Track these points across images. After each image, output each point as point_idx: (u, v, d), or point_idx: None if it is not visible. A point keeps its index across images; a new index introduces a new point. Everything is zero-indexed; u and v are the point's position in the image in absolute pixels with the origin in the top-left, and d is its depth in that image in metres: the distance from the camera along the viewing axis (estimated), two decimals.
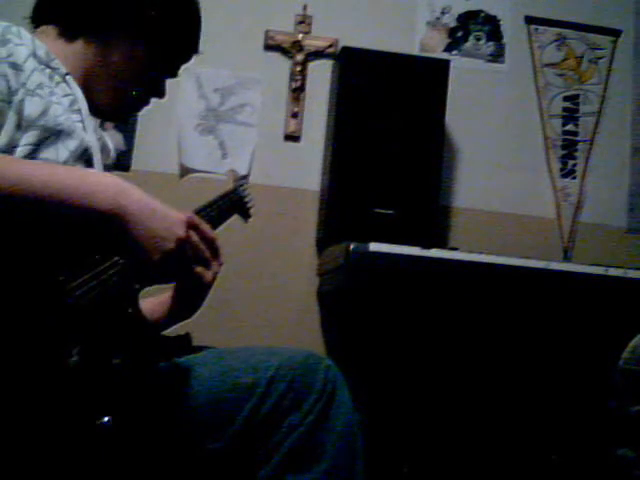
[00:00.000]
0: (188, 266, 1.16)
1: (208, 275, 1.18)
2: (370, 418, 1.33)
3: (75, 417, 1.01)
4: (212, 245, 1.19)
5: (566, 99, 3.14)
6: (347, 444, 1.17)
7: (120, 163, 2.68)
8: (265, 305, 2.84)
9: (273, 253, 2.88)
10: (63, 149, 1.14)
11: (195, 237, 1.15)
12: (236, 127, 2.92)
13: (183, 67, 1.40)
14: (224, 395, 1.16)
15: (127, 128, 2.80)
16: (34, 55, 1.17)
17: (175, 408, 1.14)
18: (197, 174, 2.88)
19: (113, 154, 1.41)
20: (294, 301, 2.88)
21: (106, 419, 1.01)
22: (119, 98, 1.32)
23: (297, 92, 2.95)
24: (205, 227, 1.19)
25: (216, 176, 2.87)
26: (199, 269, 1.16)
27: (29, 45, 1.17)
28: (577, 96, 3.14)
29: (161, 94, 1.38)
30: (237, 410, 1.15)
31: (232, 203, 1.44)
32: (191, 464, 1.15)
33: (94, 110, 1.28)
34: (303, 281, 2.89)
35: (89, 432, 1.00)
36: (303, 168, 2.94)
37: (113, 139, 2.61)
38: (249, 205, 1.52)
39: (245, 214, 1.51)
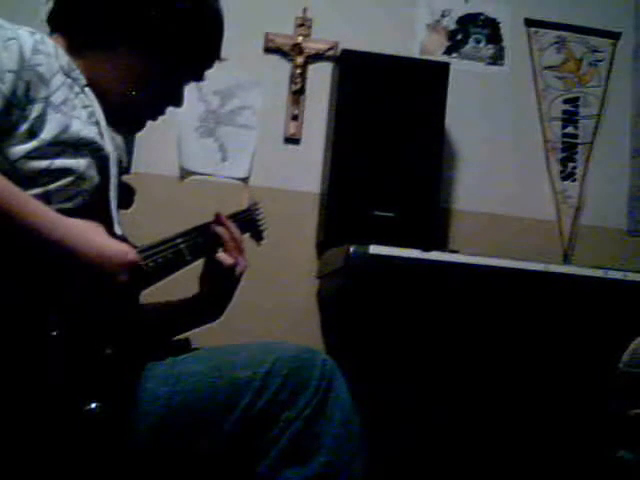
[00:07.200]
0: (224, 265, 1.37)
1: (237, 270, 1.39)
2: (372, 420, 1.33)
3: (62, 401, 1.02)
4: (239, 245, 1.41)
5: (566, 102, 3.14)
6: (345, 437, 1.17)
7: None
8: (265, 308, 2.83)
9: (273, 255, 2.87)
10: (82, 161, 1.18)
11: (226, 235, 1.37)
12: (236, 130, 2.92)
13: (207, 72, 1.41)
14: (220, 390, 1.16)
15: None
16: (61, 68, 1.19)
17: (170, 404, 1.14)
18: (197, 177, 2.88)
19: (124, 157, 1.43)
20: (294, 304, 2.88)
21: (93, 405, 1.02)
22: (133, 108, 1.34)
23: (297, 95, 2.95)
24: (233, 227, 1.40)
25: (216, 179, 2.87)
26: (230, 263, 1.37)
27: (56, 55, 1.19)
28: (577, 99, 3.15)
29: (178, 103, 1.39)
30: (233, 405, 1.15)
31: (242, 223, 1.49)
32: (188, 460, 1.15)
33: (108, 120, 1.29)
34: (303, 284, 2.89)
35: (76, 417, 1.02)
36: (303, 170, 2.94)
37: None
38: (262, 228, 1.56)
39: (258, 236, 1.57)
